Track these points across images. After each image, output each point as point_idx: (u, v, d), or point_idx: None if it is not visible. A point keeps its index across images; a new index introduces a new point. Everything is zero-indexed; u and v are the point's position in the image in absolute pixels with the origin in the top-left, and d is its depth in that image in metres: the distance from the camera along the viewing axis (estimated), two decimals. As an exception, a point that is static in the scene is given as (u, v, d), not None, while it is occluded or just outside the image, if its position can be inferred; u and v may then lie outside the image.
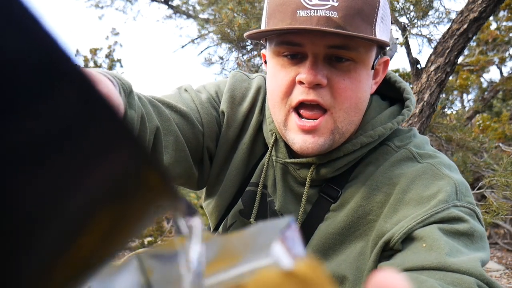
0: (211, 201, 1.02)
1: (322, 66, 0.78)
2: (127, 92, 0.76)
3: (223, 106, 0.97)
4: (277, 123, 0.87)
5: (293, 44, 0.78)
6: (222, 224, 1.01)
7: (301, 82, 0.79)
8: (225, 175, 0.99)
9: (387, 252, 0.80)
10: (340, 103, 0.80)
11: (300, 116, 0.82)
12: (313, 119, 0.81)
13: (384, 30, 0.81)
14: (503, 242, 5.62)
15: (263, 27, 0.83)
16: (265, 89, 0.98)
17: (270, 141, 0.93)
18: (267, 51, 0.86)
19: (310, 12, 0.75)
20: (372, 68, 0.83)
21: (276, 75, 0.82)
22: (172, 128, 0.88)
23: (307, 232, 0.90)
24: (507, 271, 4.21)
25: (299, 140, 0.82)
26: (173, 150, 0.88)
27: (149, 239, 5.19)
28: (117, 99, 0.64)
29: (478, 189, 3.06)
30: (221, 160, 0.99)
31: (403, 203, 0.80)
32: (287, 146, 0.91)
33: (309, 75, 0.76)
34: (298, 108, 0.81)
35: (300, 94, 0.79)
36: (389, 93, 0.97)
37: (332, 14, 0.74)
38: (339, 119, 0.81)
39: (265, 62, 0.89)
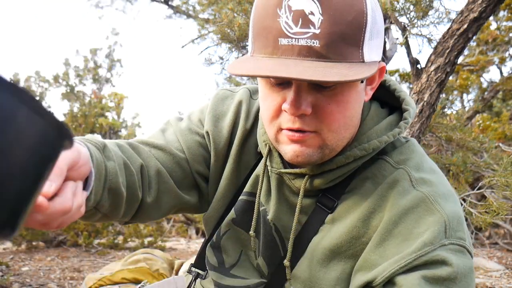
0: (207, 213, 1.04)
1: (306, 93, 0.77)
2: (101, 148, 0.80)
3: (206, 127, 1.00)
4: (270, 139, 0.87)
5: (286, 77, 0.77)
6: (216, 233, 1.02)
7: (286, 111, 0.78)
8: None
9: (366, 287, 0.81)
10: (328, 126, 0.79)
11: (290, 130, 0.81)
12: (302, 133, 0.80)
13: (374, 45, 0.78)
14: (503, 242, 5.62)
15: (249, 45, 0.82)
16: (248, 101, 1.01)
17: (264, 151, 0.94)
18: None
19: (292, 41, 0.73)
20: (362, 81, 0.81)
21: (265, 98, 0.82)
22: (152, 164, 0.94)
23: (301, 244, 0.91)
24: (507, 271, 4.21)
25: (289, 150, 0.82)
26: (156, 183, 0.94)
27: (149, 239, 5.18)
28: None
29: (478, 189, 3.05)
30: (215, 177, 1.02)
31: (391, 236, 0.80)
32: (281, 156, 0.92)
33: (291, 107, 0.76)
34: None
35: (286, 122, 0.79)
36: (389, 100, 0.95)
37: (313, 43, 0.72)
38: (328, 138, 0.80)
39: None
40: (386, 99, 0.96)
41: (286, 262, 0.89)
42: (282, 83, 0.78)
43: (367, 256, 0.82)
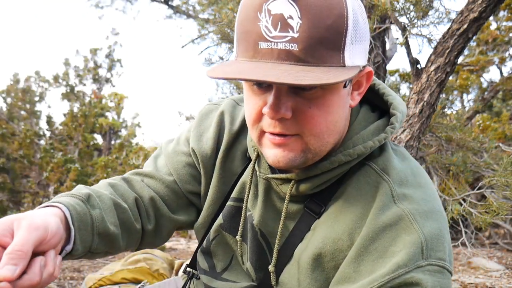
0: (198, 221, 1.07)
1: (286, 97, 0.76)
2: (85, 199, 0.86)
3: (192, 144, 1.04)
4: (254, 141, 0.87)
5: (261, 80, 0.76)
6: (206, 238, 1.04)
7: None
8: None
9: None
10: (309, 130, 0.78)
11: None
12: (284, 137, 0.80)
13: (357, 49, 0.77)
14: (503, 242, 5.62)
15: (234, 49, 0.82)
16: (232, 109, 1.04)
17: (252, 156, 0.95)
18: None
19: (271, 45, 0.73)
20: (345, 86, 0.80)
21: (248, 101, 0.83)
22: (146, 192, 1.01)
23: (288, 250, 0.90)
24: (507, 271, 4.21)
25: (271, 154, 0.81)
26: (152, 210, 1.01)
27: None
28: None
29: (478, 189, 3.05)
30: (205, 189, 1.05)
31: (367, 252, 0.80)
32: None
33: (271, 111, 0.76)
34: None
35: (267, 126, 0.80)
36: (379, 103, 0.95)
37: (292, 47, 0.72)
38: (310, 142, 0.80)
39: None
40: (377, 103, 0.95)
41: (271, 268, 0.89)
42: (263, 87, 0.79)
43: (343, 269, 0.82)
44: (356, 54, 0.77)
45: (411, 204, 0.81)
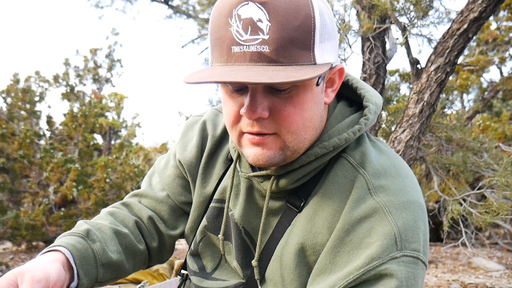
0: (187, 227, 1.10)
1: (262, 98, 0.79)
2: (84, 235, 0.93)
3: (178, 156, 1.09)
4: (233, 143, 0.90)
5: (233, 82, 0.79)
6: (193, 240, 1.07)
7: None
8: None
9: None
10: (286, 127, 0.81)
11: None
12: (262, 136, 0.82)
13: (326, 47, 0.79)
14: (503, 242, 5.62)
15: (209, 56, 0.84)
16: (214, 117, 1.09)
17: (234, 157, 0.97)
18: None
19: (243, 48, 0.75)
20: (317, 84, 0.82)
21: (225, 104, 0.85)
22: (144, 212, 1.08)
23: (271, 245, 0.92)
24: (507, 271, 4.21)
25: (251, 153, 0.84)
26: (153, 228, 1.08)
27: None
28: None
29: (478, 189, 3.05)
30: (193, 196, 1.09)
31: (343, 243, 0.82)
32: None
33: (248, 112, 0.78)
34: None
35: (245, 126, 0.82)
36: (355, 98, 0.97)
37: (263, 48, 0.74)
38: (288, 140, 0.82)
39: None
40: (354, 98, 0.98)
41: (254, 263, 0.91)
42: (239, 90, 0.81)
43: (320, 260, 0.84)
44: (326, 52, 0.80)
45: (387, 196, 0.83)
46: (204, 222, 1.04)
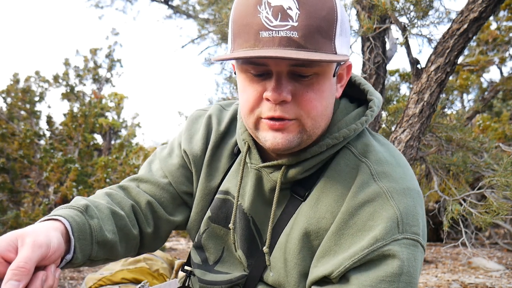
0: (189, 220, 1.11)
1: (286, 82, 0.82)
2: (83, 210, 0.90)
3: (183, 146, 1.10)
4: (249, 128, 0.91)
5: (258, 64, 0.82)
6: (197, 232, 1.09)
7: (268, 99, 0.83)
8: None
9: (323, 277, 0.86)
10: (307, 112, 0.84)
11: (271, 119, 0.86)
12: (282, 121, 0.85)
13: (343, 42, 0.84)
14: (503, 242, 5.62)
15: (229, 45, 0.87)
16: (219, 112, 1.11)
17: (244, 149, 0.99)
18: (235, 65, 0.90)
19: (272, 33, 0.78)
20: (334, 75, 0.87)
21: (245, 90, 0.87)
22: (142, 197, 1.06)
23: (276, 234, 0.95)
24: (507, 271, 4.21)
25: (270, 137, 0.86)
26: (150, 213, 1.06)
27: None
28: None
29: (478, 189, 3.05)
30: (196, 188, 1.09)
31: (347, 226, 0.86)
32: (260, 153, 0.97)
33: (274, 94, 0.81)
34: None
35: (268, 110, 0.84)
36: (357, 95, 1.01)
37: (292, 34, 0.78)
38: (307, 124, 0.86)
39: (235, 72, 0.93)
40: (354, 95, 1.02)
41: (265, 249, 0.94)
42: (262, 75, 0.84)
43: (324, 243, 0.87)
44: (344, 45, 0.85)
45: (389, 182, 0.87)
46: (208, 213, 1.05)
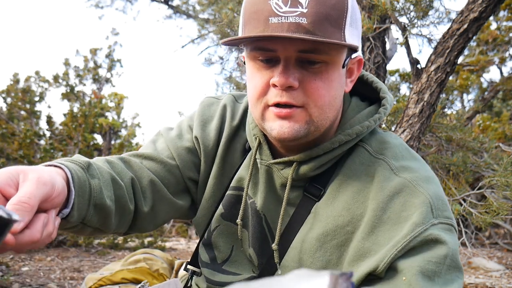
0: (197, 215, 1.08)
1: (294, 69, 0.82)
2: (85, 167, 0.84)
3: (195, 132, 1.06)
4: (256, 119, 0.90)
5: (266, 49, 0.82)
6: (207, 230, 1.06)
7: (274, 85, 0.83)
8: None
9: (369, 276, 0.84)
10: (314, 101, 0.84)
11: (277, 106, 0.86)
12: (289, 108, 0.85)
13: (353, 33, 0.84)
14: (503, 242, 5.62)
15: (240, 32, 0.87)
16: (233, 104, 1.08)
17: (254, 144, 0.98)
18: (245, 55, 0.90)
19: (281, 19, 0.79)
20: (344, 67, 0.86)
21: (253, 77, 0.87)
22: (145, 174, 0.99)
23: (289, 234, 0.94)
24: (507, 271, 4.21)
25: (276, 126, 0.86)
26: (150, 192, 0.99)
27: (149, 239, 5.18)
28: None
29: (478, 189, 3.05)
30: (204, 179, 1.06)
31: (381, 222, 0.84)
32: (270, 149, 0.96)
33: (281, 78, 0.81)
34: (274, 105, 0.86)
35: (274, 96, 0.84)
36: (368, 93, 1.01)
37: (301, 20, 0.78)
38: (314, 114, 0.85)
39: (245, 62, 0.92)
40: (365, 93, 1.01)
41: (274, 246, 0.93)
42: (270, 61, 0.84)
43: (360, 245, 0.85)
44: (354, 37, 0.85)
45: (410, 173, 0.87)
46: (220, 209, 1.03)
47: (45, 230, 0.66)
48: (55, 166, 0.77)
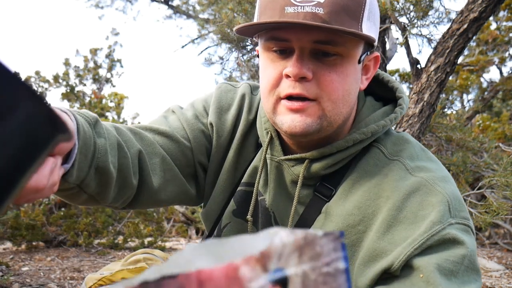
0: (206, 208, 1.05)
1: (308, 60, 0.80)
2: (92, 123, 0.77)
3: (210, 118, 1.01)
4: (267, 112, 0.88)
5: (280, 39, 0.81)
6: (217, 226, 1.03)
7: (287, 76, 0.81)
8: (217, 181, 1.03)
9: (384, 275, 0.81)
10: (328, 94, 0.82)
11: (289, 99, 0.84)
12: (302, 101, 0.83)
13: (371, 27, 0.82)
14: (503, 242, 5.62)
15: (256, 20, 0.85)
16: (250, 95, 1.04)
17: (265, 139, 0.95)
18: (259, 47, 0.88)
19: (297, 9, 0.77)
20: (359, 62, 0.84)
21: (266, 68, 0.85)
22: (157, 150, 0.93)
23: None
24: (507, 271, 4.21)
25: (287, 120, 0.83)
26: (161, 170, 0.93)
27: (149, 239, 5.18)
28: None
29: (478, 189, 3.05)
30: (215, 169, 1.03)
31: (397, 221, 0.82)
32: (282, 145, 0.94)
33: (294, 68, 0.79)
34: (287, 98, 0.84)
35: (287, 87, 0.82)
36: (383, 93, 0.99)
37: (318, 10, 0.76)
38: (327, 108, 0.83)
39: (258, 55, 0.90)
40: (380, 93, 0.99)
41: None
42: (284, 51, 0.82)
43: (375, 245, 0.83)
44: (371, 31, 0.82)
45: (426, 173, 0.85)
46: (232, 206, 1.00)
47: (51, 178, 0.60)
48: (66, 112, 0.71)
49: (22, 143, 0.33)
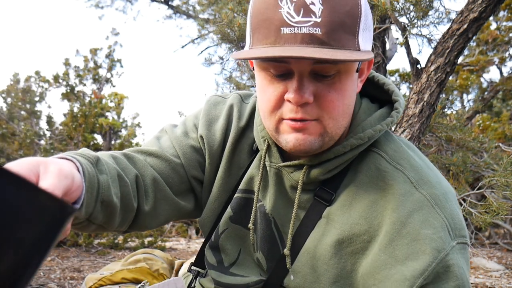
0: (203, 215, 1.06)
1: (308, 83, 0.79)
2: (94, 162, 0.82)
3: (200, 131, 1.03)
4: (269, 130, 0.88)
5: (279, 61, 0.79)
6: (214, 232, 1.04)
7: (289, 101, 0.80)
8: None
9: None
10: (329, 113, 0.81)
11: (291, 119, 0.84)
12: (304, 121, 0.83)
13: (367, 37, 0.82)
14: (503, 242, 5.62)
15: (247, 40, 0.83)
16: (239, 104, 1.05)
17: (262, 147, 0.95)
18: (254, 62, 0.87)
19: (294, 30, 0.75)
20: (357, 71, 0.84)
21: (265, 89, 0.84)
22: (148, 172, 0.97)
23: (300, 238, 0.92)
24: (507, 271, 4.21)
25: (292, 139, 0.83)
26: (153, 191, 0.97)
27: (150, 239, 5.18)
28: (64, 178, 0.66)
29: (478, 189, 3.05)
30: (210, 179, 1.04)
31: (400, 236, 0.83)
32: (280, 151, 0.94)
33: (296, 96, 0.78)
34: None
35: (289, 111, 0.81)
36: (378, 94, 0.98)
37: (315, 30, 0.75)
38: (329, 125, 0.83)
39: (253, 68, 0.89)
40: (375, 95, 0.99)
41: (286, 251, 0.91)
42: (283, 75, 0.80)
43: (377, 257, 0.84)
44: (367, 40, 0.81)
45: (430, 189, 0.86)
46: (229, 212, 1.00)
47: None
48: (67, 159, 0.75)
49: (42, 233, 0.46)
